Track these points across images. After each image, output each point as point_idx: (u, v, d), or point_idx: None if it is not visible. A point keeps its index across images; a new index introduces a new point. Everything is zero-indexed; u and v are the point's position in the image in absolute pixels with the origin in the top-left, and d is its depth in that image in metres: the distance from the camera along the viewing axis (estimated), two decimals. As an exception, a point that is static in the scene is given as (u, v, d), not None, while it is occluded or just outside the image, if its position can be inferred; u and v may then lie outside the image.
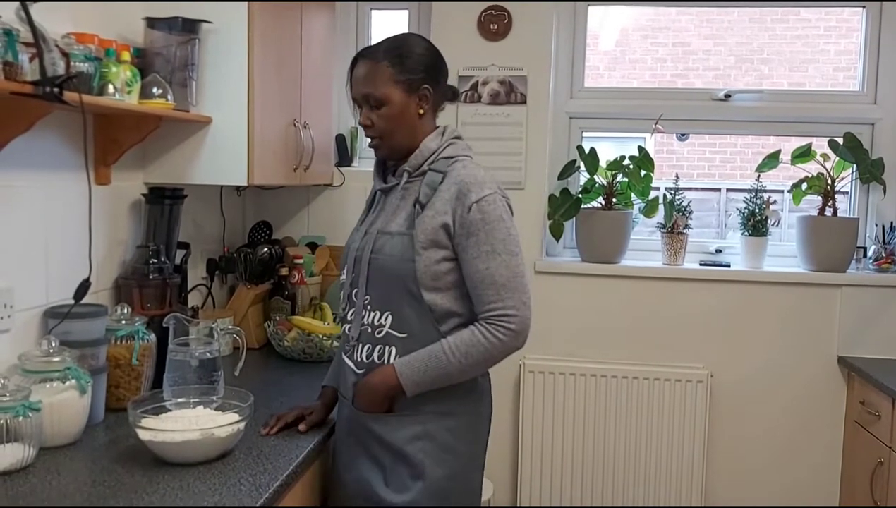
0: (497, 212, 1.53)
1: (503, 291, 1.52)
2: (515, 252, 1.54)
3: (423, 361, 1.53)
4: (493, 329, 1.52)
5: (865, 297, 2.77)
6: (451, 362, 1.51)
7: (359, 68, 1.61)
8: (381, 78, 1.58)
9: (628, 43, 5.61)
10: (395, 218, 1.59)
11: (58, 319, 1.68)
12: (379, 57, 1.59)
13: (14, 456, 1.42)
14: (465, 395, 1.61)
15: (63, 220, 1.82)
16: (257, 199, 2.97)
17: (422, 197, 1.56)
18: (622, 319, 2.88)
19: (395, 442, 1.56)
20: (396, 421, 1.57)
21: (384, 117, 1.59)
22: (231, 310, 2.49)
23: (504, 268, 1.52)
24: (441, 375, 1.53)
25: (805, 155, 2.84)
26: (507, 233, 1.54)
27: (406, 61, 1.58)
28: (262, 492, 1.38)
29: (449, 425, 1.58)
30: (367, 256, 1.59)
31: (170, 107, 1.92)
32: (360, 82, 1.60)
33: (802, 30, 5.34)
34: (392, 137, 1.61)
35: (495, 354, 1.53)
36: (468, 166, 1.59)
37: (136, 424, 1.50)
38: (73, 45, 1.61)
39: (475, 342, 1.52)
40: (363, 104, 1.61)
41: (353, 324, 1.62)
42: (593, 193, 2.91)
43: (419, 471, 1.55)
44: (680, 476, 2.80)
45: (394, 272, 1.55)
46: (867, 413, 2.57)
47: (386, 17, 3.07)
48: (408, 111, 1.60)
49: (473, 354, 1.52)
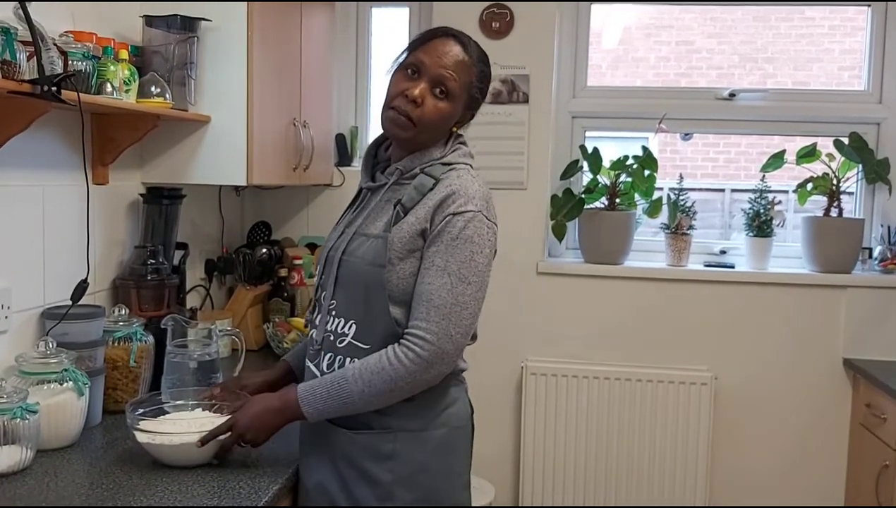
0: (468, 232, 1.37)
1: (433, 313, 1.35)
2: (471, 280, 1.37)
3: (327, 388, 1.38)
4: (402, 351, 1.35)
5: (871, 299, 2.75)
6: (353, 391, 1.36)
7: (451, 47, 1.44)
8: (466, 77, 1.45)
9: (631, 41, 5.59)
10: (377, 219, 1.46)
11: (55, 320, 1.67)
12: (473, 55, 1.46)
13: (11, 459, 1.41)
14: (437, 409, 1.46)
15: (60, 220, 1.81)
16: (256, 199, 2.96)
17: (406, 200, 1.42)
18: (625, 321, 2.86)
19: (361, 463, 1.42)
20: (364, 438, 1.43)
21: (438, 110, 1.43)
22: (230, 312, 2.48)
23: (446, 292, 1.35)
24: (344, 404, 1.37)
25: (810, 155, 2.82)
26: (469, 257, 1.37)
27: (484, 80, 1.50)
28: (262, 496, 1.36)
29: (422, 443, 1.43)
30: (338, 257, 1.46)
31: (168, 107, 1.91)
32: (446, 62, 1.42)
33: (807, 28, 5.32)
34: (427, 131, 1.45)
35: (400, 383, 1.35)
36: (463, 176, 1.44)
37: (134, 426, 1.48)
38: (71, 44, 1.60)
39: (380, 369, 1.35)
40: (428, 81, 1.42)
41: (318, 329, 1.49)
42: (596, 193, 2.89)
43: (386, 493, 1.41)
44: (684, 479, 2.78)
45: (362, 277, 1.42)
46: (873, 415, 2.55)
47: (386, 16, 3.05)
48: (452, 120, 1.47)
49: (377, 383, 1.35)
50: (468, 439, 1.55)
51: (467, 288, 1.37)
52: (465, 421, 1.53)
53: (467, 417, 1.54)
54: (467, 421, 1.54)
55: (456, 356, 1.39)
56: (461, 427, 1.51)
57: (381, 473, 1.41)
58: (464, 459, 1.53)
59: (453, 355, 1.38)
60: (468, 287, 1.37)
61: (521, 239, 2.86)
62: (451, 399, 1.49)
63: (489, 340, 2.85)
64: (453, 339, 1.36)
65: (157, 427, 1.50)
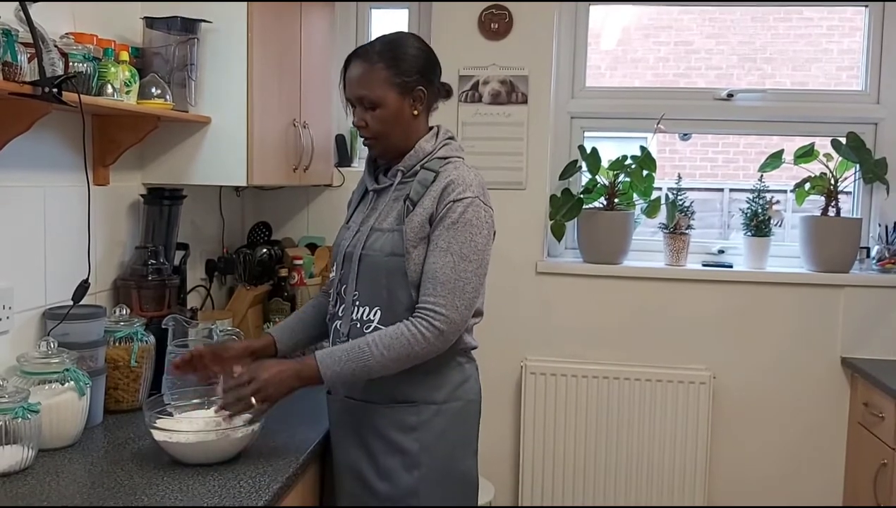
0: (468, 216, 1.55)
1: (440, 288, 1.52)
2: (471, 258, 1.54)
3: (345, 351, 1.52)
4: (418, 323, 1.51)
5: (869, 298, 2.76)
6: (374, 354, 1.50)
7: (353, 69, 1.61)
8: (376, 80, 1.58)
9: (630, 42, 5.59)
10: (388, 215, 1.61)
11: (57, 320, 1.68)
12: (373, 58, 1.59)
13: (13, 458, 1.41)
14: (456, 383, 1.64)
15: (62, 221, 1.81)
16: (256, 200, 2.97)
17: (413, 194, 1.58)
18: (624, 320, 2.87)
19: (389, 434, 1.59)
20: (390, 412, 1.59)
21: (379, 119, 1.60)
22: (230, 312, 2.49)
23: (449, 269, 1.53)
24: (360, 367, 1.51)
25: (808, 155, 2.83)
26: (469, 239, 1.54)
27: (401, 63, 1.59)
28: (263, 494, 1.37)
29: (442, 414, 1.60)
30: (358, 252, 1.61)
31: (168, 108, 1.91)
32: (354, 83, 1.61)
33: (805, 29, 5.32)
34: (387, 138, 1.62)
35: (417, 350, 1.51)
36: (460, 167, 1.62)
37: (151, 425, 1.50)
38: (72, 45, 1.61)
39: (398, 335, 1.51)
40: (357, 105, 1.62)
41: (343, 320, 1.63)
42: (595, 193, 2.90)
43: (415, 461, 1.58)
44: (683, 478, 2.79)
45: (383, 267, 1.57)
46: (871, 414, 2.55)
47: (386, 17, 3.06)
48: (402, 113, 1.61)
49: (395, 347, 1.50)
50: (478, 412, 1.73)
51: (468, 265, 1.54)
52: (477, 395, 1.72)
53: (478, 392, 1.72)
54: (478, 395, 1.72)
55: (462, 325, 1.55)
56: (474, 400, 1.70)
57: (407, 443, 1.58)
58: (474, 429, 1.72)
59: (460, 324, 1.55)
60: (469, 264, 1.54)
61: (520, 239, 2.86)
62: (466, 375, 1.67)
63: (489, 339, 2.86)
64: (459, 310, 1.53)
65: (174, 425, 1.51)
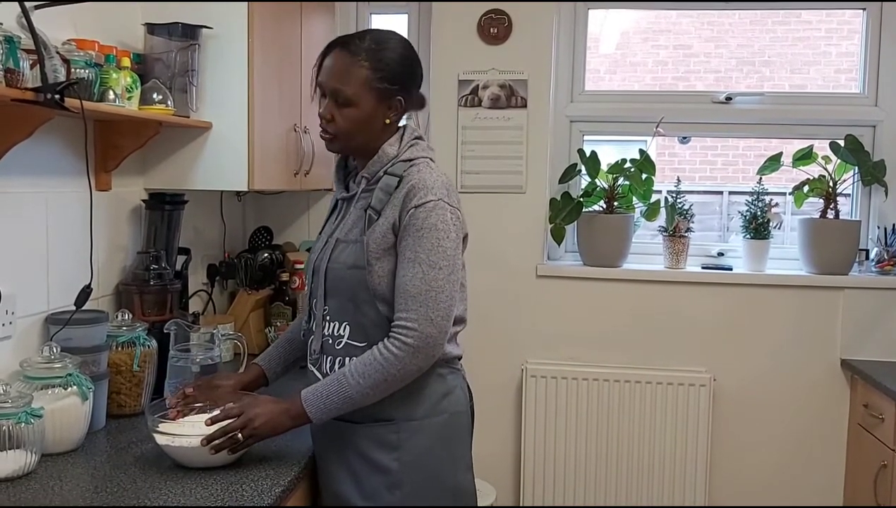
0: (432, 221, 1.44)
1: (411, 302, 1.43)
2: (441, 265, 1.44)
3: (326, 386, 1.45)
4: (389, 344, 1.44)
5: (868, 300, 2.76)
6: (351, 384, 1.43)
7: (334, 58, 1.50)
8: (356, 77, 1.48)
9: (629, 46, 5.61)
10: (354, 226, 1.54)
11: (59, 325, 1.68)
12: (359, 53, 1.48)
13: (16, 463, 1.42)
14: (437, 396, 1.54)
15: (64, 227, 1.82)
16: (257, 205, 2.97)
17: (375, 202, 1.49)
18: (624, 323, 2.88)
19: (370, 454, 1.51)
20: (370, 431, 1.51)
21: (348, 118, 1.50)
22: (232, 316, 2.49)
23: (419, 280, 1.43)
24: (343, 399, 1.44)
25: (806, 157, 2.84)
26: (436, 245, 1.44)
27: (385, 67, 1.49)
28: (265, 497, 1.38)
29: (424, 430, 1.52)
30: (324, 265, 1.54)
31: (170, 113, 1.92)
32: (332, 74, 1.50)
33: (803, 32, 5.34)
34: (350, 139, 1.53)
35: (393, 372, 1.43)
36: (423, 170, 1.50)
37: (154, 429, 1.50)
38: (74, 52, 1.62)
39: (371, 360, 1.44)
40: (329, 96, 1.51)
41: (315, 336, 1.56)
42: (594, 197, 2.90)
43: (397, 481, 1.50)
44: (683, 480, 2.79)
45: (347, 281, 1.50)
46: (870, 416, 2.56)
47: (386, 21, 3.07)
48: (374, 118, 1.51)
49: (370, 373, 1.43)
50: (468, 423, 1.63)
51: (438, 272, 1.44)
52: (463, 406, 1.60)
53: (466, 402, 1.62)
54: (466, 406, 1.61)
55: (441, 338, 1.46)
56: (461, 412, 1.59)
57: (388, 462, 1.50)
58: (465, 443, 1.61)
59: (438, 338, 1.45)
60: (439, 272, 1.45)
61: (520, 242, 2.87)
62: (449, 386, 1.57)
63: (489, 343, 2.88)
64: (434, 323, 1.44)
65: (176, 429, 1.51)
